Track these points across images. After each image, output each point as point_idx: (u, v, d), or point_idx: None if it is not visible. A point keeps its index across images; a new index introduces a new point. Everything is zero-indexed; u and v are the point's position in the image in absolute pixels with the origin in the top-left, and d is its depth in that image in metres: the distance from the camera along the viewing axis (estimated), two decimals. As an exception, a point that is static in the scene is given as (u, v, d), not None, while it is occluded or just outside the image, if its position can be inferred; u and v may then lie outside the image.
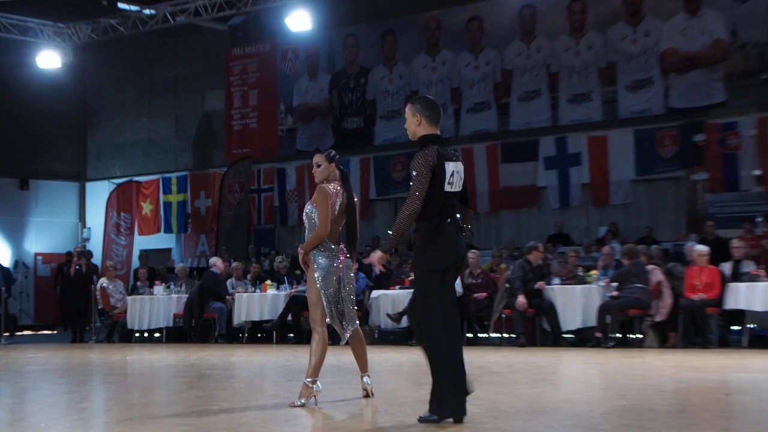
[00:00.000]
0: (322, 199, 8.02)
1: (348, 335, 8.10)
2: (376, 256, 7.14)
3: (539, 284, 15.71)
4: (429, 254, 6.84)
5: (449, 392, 6.72)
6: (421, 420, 6.86)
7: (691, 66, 19.70)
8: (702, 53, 19.56)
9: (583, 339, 15.66)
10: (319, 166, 8.18)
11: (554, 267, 17.17)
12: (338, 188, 8.09)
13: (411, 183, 6.83)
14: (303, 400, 7.81)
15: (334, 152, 8.30)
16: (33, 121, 27.08)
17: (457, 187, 6.90)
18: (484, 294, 16.60)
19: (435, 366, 6.78)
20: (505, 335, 16.33)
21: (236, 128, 25.30)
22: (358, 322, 8.27)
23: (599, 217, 20.85)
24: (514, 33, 21.73)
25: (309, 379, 7.85)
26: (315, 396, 7.87)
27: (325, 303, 7.95)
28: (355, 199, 8.26)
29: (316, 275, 7.95)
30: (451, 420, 6.73)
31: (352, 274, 8.17)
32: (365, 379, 8.35)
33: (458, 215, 6.91)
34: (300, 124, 24.60)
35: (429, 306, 6.84)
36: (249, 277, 19.58)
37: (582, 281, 15.84)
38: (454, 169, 6.87)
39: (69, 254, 24.53)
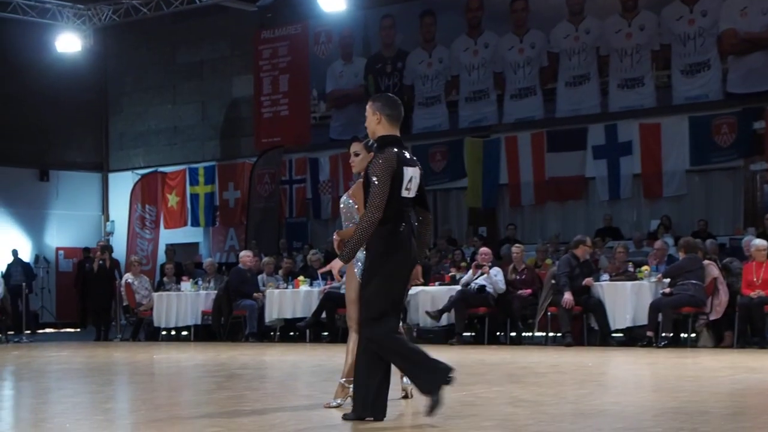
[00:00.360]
0: (362, 196, 8.07)
1: None
2: (337, 265, 7.22)
3: (587, 281, 15.73)
4: (389, 260, 7.01)
5: (374, 391, 6.98)
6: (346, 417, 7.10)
7: (751, 48, 19.60)
8: (763, 34, 19.47)
9: (633, 338, 15.65)
10: (357, 155, 8.12)
11: (603, 262, 17.19)
12: None
13: (370, 190, 6.93)
14: (339, 401, 7.93)
15: (372, 140, 8.35)
16: (52, 108, 27.34)
17: (413, 193, 7.09)
18: (529, 291, 16.67)
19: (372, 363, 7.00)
20: (551, 334, 16.39)
21: (266, 116, 25.43)
22: (402, 318, 8.34)
23: (651, 209, 20.81)
24: (561, 13, 21.68)
25: (344, 379, 7.95)
26: (351, 396, 7.99)
27: None
28: None
29: (356, 272, 8.03)
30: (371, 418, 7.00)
31: None
32: (405, 379, 8.44)
33: (414, 222, 7.14)
34: (333, 111, 24.69)
35: (376, 306, 7.00)
36: (281, 272, 19.71)
37: (632, 277, 15.83)
38: (412, 174, 7.06)
39: (87, 250, 24.85)
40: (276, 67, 25.36)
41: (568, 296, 15.54)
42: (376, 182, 6.87)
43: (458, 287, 16.83)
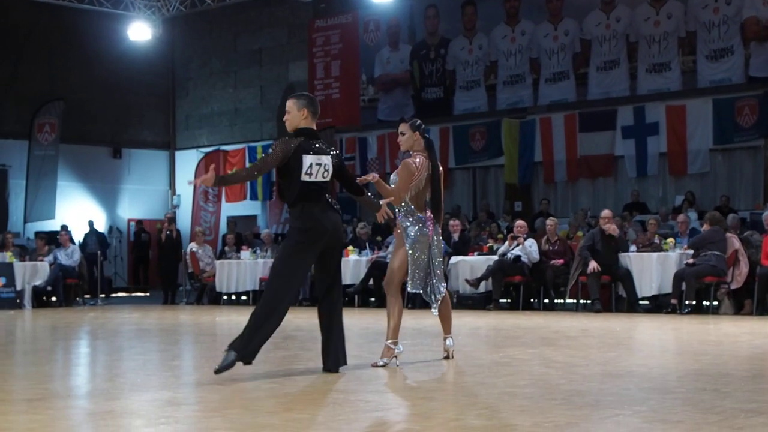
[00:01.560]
0: (405, 176, 8.07)
1: (437, 305, 8.18)
2: (207, 176, 7.31)
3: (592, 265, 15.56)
4: (293, 229, 7.54)
5: (258, 337, 7.26)
6: (218, 371, 7.15)
7: (772, 35, 19.33)
8: (784, 22, 19.20)
9: (659, 306, 15.56)
10: (403, 134, 8.23)
11: (630, 235, 17.06)
12: (423, 160, 8.10)
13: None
14: (385, 360, 7.94)
15: (419, 121, 8.33)
16: (125, 92, 27.55)
17: (319, 177, 7.47)
18: (561, 261, 16.58)
19: (261, 312, 7.31)
20: (581, 301, 16.31)
21: (319, 98, 25.24)
22: (445, 285, 8.36)
23: (676, 186, 20.64)
24: (593, 3, 21.50)
25: (390, 341, 7.97)
26: (396, 357, 7.99)
27: (415, 273, 8.04)
28: (440, 168, 8.31)
29: (405, 243, 8.05)
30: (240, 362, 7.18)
31: (441, 241, 8.27)
32: (448, 341, 8.44)
33: (328, 202, 7.55)
34: (381, 94, 24.67)
35: (287, 269, 7.41)
36: (332, 243, 19.70)
37: (658, 249, 15.71)
38: (313, 161, 7.40)
39: (140, 222, 25.12)
40: (328, 54, 25.35)
41: (593, 264, 15.45)
42: (270, 151, 7.38)
43: (495, 257, 16.80)
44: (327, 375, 7.58)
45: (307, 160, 7.37)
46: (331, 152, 7.60)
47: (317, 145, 7.52)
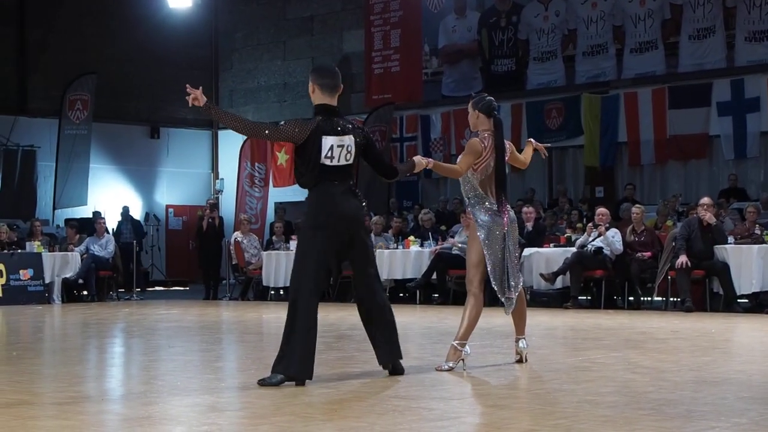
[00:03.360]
0: (470, 155, 8.06)
1: (511, 305, 8.15)
2: (197, 93, 8.01)
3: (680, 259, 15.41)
4: (308, 217, 7.47)
5: (299, 351, 7.14)
6: (263, 383, 7.10)
7: None
8: None
9: (760, 304, 15.35)
10: (468, 112, 8.35)
11: (727, 225, 16.84)
12: (493, 141, 8.09)
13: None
14: (451, 364, 7.91)
15: (480, 98, 8.35)
16: (163, 65, 27.72)
17: (341, 160, 7.37)
18: (649, 253, 16.41)
19: (290, 321, 7.27)
20: (671, 299, 16.15)
21: (377, 72, 25.44)
22: (522, 280, 8.33)
23: (778, 169, 20.39)
24: (685, -38, 21.26)
25: (458, 342, 7.95)
26: (463, 360, 7.97)
27: (489, 268, 8.03)
28: (507, 145, 8.31)
29: (479, 234, 8.02)
30: (293, 382, 7.09)
31: (516, 230, 8.22)
32: (521, 343, 8.39)
33: (350, 186, 7.48)
34: (446, 66, 24.59)
35: (302, 263, 7.39)
36: (391, 232, 19.76)
37: (759, 240, 15.49)
38: (334, 143, 7.33)
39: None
40: (387, 22, 25.33)
41: (682, 257, 15.29)
42: (283, 123, 7.44)
43: (574, 249, 16.69)
44: (386, 379, 7.58)
45: (327, 141, 7.33)
46: (356, 130, 7.51)
47: (339, 124, 7.45)
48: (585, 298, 17.10)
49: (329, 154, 7.32)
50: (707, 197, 16.37)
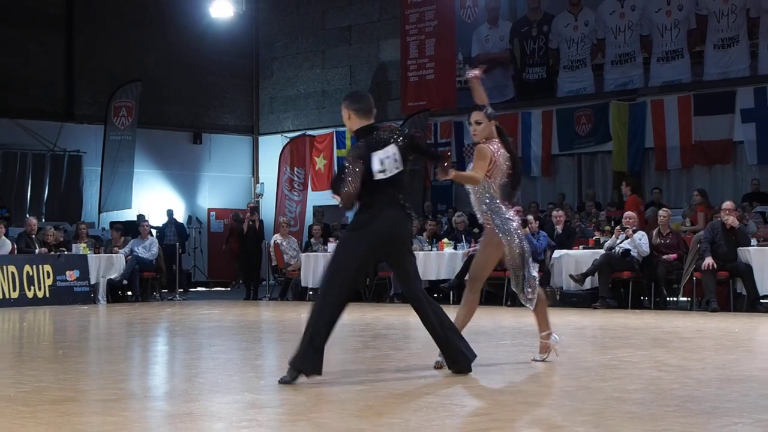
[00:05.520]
0: (482, 161, 8.02)
1: (534, 301, 8.16)
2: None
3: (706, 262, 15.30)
4: (354, 221, 7.56)
5: (313, 348, 7.11)
6: (283, 381, 7.10)
7: None
8: None
9: (783, 304, 15.25)
10: (479, 123, 8.19)
11: (751, 228, 16.72)
12: (499, 147, 8.12)
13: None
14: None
15: (491, 109, 8.31)
16: (205, 72, 27.86)
17: (392, 170, 7.42)
18: (674, 255, 16.33)
19: (316, 316, 7.23)
20: (696, 299, 16.05)
21: (412, 79, 25.43)
22: (537, 277, 8.34)
23: (801, 174, 20.19)
24: (711, -26, 21.11)
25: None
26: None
27: (511, 272, 8.18)
28: (517, 156, 8.49)
29: (500, 239, 8.04)
30: (304, 375, 7.08)
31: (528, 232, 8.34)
32: (552, 337, 8.36)
33: (402, 201, 7.49)
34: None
35: (341, 263, 7.39)
36: (425, 235, 19.75)
37: (782, 243, 15.39)
38: (382, 157, 7.39)
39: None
40: (422, 32, 25.32)
41: (708, 260, 15.23)
42: (347, 165, 7.34)
43: (602, 251, 16.62)
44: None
45: (376, 157, 7.38)
46: (394, 138, 7.53)
47: (380, 138, 7.51)
48: (613, 298, 17.01)
49: (382, 169, 7.38)
50: (730, 201, 16.28)
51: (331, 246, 20.18)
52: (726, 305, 15.45)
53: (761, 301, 15.41)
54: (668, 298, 16.67)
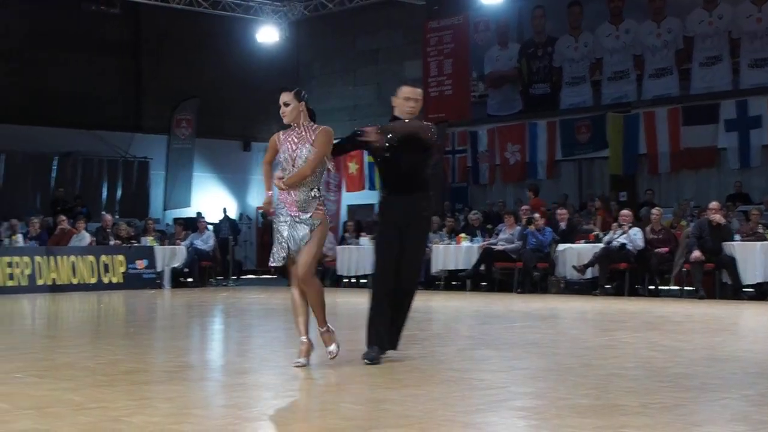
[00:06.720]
0: (328, 143, 7.22)
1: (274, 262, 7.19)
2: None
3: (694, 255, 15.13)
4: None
5: (377, 325, 6.99)
6: (366, 356, 6.86)
7: None
8: None
9: (763, 293, 15.02)
10: (287, 105, 7.14)
11: (734, 225, 16.54)
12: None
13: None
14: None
15: (303, 91, 7.28)
16: (254, 89, 27.85)
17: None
18: (666, 249, 16.17)
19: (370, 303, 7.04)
20: (686, 288, 15.90)
21: (433, 94, 25.32)
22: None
23: (778, 177, 19.95)
24: (696, 1, 20.84)
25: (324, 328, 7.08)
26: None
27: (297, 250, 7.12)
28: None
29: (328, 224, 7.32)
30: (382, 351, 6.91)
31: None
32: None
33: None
34: (491, 90, 24.43)
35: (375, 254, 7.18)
36: (445, 230, 19.69)
37: (762, 238, 15.18)
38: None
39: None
40: (441, 53, 25.23)
41: (696, 253, 15.07)
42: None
43: (601, 245, 16.49)
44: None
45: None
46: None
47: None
48: (611, 286, 16.87)
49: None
50: (716, 201, 16.13)
51: (363, 239, 20.20)
52: (712, 293, 15.28)
53: (744, 289, 15.23)
54: (660, 287, 16.52)
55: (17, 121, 23.63)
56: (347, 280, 20.52)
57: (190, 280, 20.68)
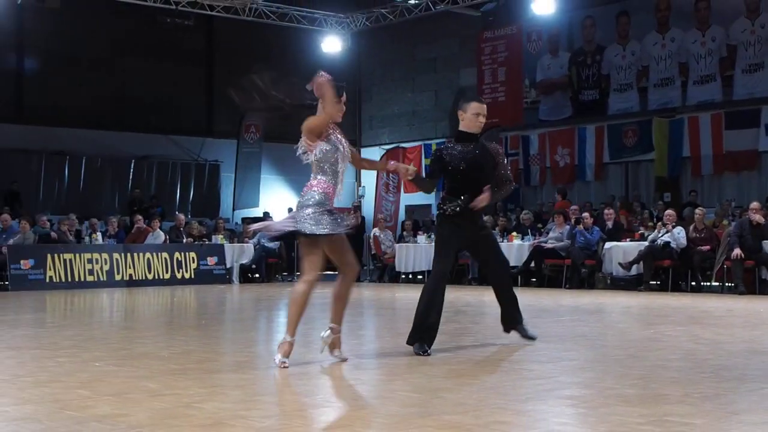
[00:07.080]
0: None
1: None
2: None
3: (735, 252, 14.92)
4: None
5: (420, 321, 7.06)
6: (415, 349, 6.93)
7: None
8: None
9: (801, 289, 14.83)
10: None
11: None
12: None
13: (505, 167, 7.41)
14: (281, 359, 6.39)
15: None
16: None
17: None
18: (708, 247, 16.00)
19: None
20: (726, 284, 15.70)
21: (487, 101, 24.94)
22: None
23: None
24: (739, 10, 20.57)
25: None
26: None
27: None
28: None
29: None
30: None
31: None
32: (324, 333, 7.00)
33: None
34: (542, 96, 24.31)
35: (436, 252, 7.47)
36: (497, 229, 19.64)
37: (801, 236, 14.97)
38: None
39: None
40: (495, 61, 25.17)
41: (736, 250, 14.94)
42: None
43: (646, 243, 16.36)
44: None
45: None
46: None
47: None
48: (655, 282, 16.72)
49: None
50: (756, 202, 15.93)
51: (420, 237, 20.23)
52: (752, 289, 15.09)
53: (783, 285, 15.04)
54: (702, 283, 16.35)
55: (97, 126, 24.07)
56: (405, 276, 20.57)
57: (257, 276, 20.87)
